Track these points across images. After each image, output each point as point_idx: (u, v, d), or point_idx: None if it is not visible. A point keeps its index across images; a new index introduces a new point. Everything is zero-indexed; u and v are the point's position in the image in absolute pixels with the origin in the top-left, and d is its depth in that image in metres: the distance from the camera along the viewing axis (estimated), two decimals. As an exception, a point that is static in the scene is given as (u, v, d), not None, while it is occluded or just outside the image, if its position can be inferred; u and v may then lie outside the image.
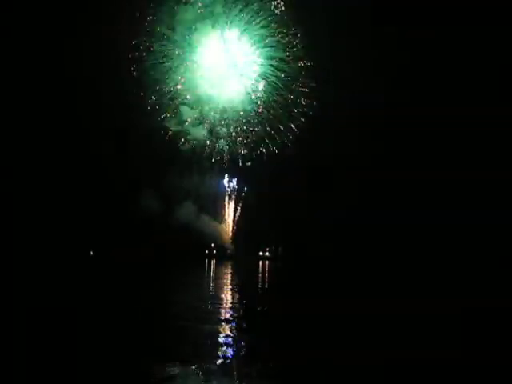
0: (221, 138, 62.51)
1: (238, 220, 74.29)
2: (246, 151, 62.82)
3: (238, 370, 8.54)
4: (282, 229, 64.78)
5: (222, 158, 63.82)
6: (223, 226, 74.26)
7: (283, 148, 61.84)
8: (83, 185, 54.42)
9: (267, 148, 62.07)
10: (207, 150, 62.70)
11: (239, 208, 74.19)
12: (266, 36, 59.41)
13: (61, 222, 53.01)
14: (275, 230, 68.43)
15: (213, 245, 73.97)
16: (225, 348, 10.07)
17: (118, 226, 56.05)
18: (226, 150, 62.65)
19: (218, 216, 73.49)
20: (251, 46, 60.29)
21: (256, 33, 59.42)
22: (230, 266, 52.76)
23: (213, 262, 64.05)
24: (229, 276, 37.12)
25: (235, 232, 75.02)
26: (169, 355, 9.08)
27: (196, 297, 20.31)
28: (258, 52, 60.45)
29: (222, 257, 72.00)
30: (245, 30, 59.23)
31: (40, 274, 28.88)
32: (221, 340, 10.76)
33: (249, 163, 63.00)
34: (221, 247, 74.56)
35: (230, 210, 74.90)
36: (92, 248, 57.05)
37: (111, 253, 53.81)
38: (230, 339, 10.91)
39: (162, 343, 10.36)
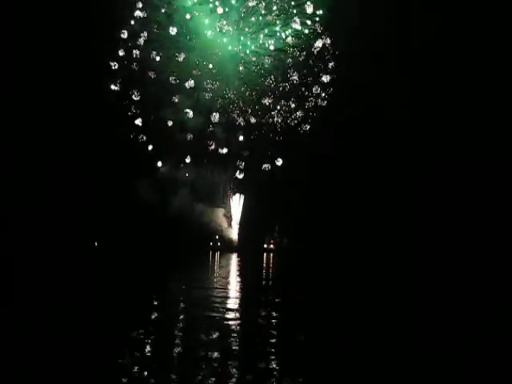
0: (218, 126, 61.31)
1: (242, 212, 73.93)
2: (243, 138, 61.91)
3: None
4: (286, 220, 64.36)
5: (221, 146, 62.74)
6: (227, 217, 73.93)
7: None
8: (85, 175, 54.31)
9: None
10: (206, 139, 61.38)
11: (242, 200, 73.80)
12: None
13: (65, 214, 52.98)
14: (279, 222, 67.93)
15: (217, 237, 73.69)
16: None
17: (120, 217, 55.87)
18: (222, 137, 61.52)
19: (223, 208, 73.18)
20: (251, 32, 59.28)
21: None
22: (234, 260, 52.72)
23: (217, 254, 63.99)
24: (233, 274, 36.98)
25: (239, 224, 74.67)
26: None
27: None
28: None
29: (226, 249, 71.65)
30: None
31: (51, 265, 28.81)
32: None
33: (246, 153, 62.17)
34: (225, 239, 74.22)
35: (233, 202, 74.59)
36: (96, 239, 56.99)
37: (115, 244, 53.80)
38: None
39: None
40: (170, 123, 59.39)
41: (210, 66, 60.25)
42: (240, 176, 63.55)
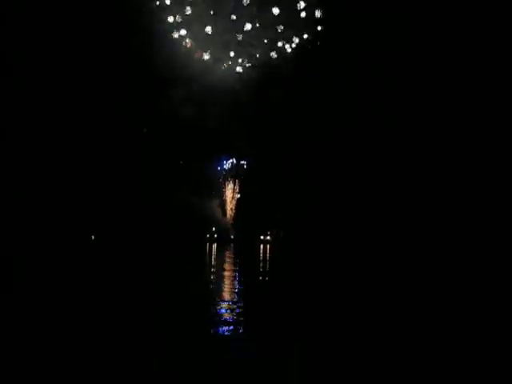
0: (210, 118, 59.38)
1: (237, 202, 74.16)
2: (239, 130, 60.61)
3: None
4: (284, 211, 64.61)
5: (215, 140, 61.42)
6: (222, 208, 74.19)
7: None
8: (82, 170, 53.96)
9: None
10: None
11: (238, 190, 73.95)
12: None
13: (62, 207, 52.78)
14: (277, 213, 68.33)
15: (214, 229, 74.03)
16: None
17: (117, 210, 55.88)
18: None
19: (219, 200, 73.38)
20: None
21: None
22: (231, 252, 52.97)
23: (214, 245, 64.39)
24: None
25: (236, 216, 74.93)
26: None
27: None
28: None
29: (223, 241, 72.11)
30: None
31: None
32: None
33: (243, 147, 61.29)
34: (222, 231, 74.59)
35: (229, 193, 74.72)
36: (93, 232, 56.95)
37: (112, 237, 53.84)
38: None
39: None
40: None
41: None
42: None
